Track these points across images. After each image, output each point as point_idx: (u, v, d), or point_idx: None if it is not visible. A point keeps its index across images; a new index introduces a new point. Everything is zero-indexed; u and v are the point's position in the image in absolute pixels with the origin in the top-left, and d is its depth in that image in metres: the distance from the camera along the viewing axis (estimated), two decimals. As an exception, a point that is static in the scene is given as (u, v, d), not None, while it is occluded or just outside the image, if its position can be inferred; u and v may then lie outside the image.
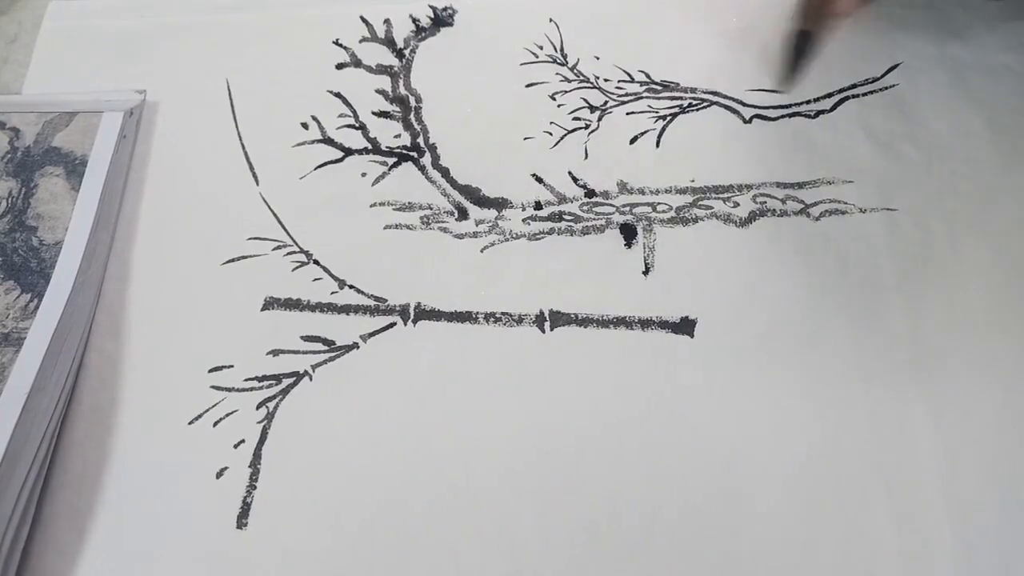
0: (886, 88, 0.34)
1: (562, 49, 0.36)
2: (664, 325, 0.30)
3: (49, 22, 0.40)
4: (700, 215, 0.32)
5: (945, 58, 0.34)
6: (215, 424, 0.30)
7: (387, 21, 0.38)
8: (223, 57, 0.38)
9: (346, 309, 0.32)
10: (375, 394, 0.30)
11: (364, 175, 0.35)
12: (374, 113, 0.36)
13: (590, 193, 0.33)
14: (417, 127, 0.35)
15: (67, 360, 0.31)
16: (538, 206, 0.33)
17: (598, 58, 0.36)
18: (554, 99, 0.35)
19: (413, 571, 0.27)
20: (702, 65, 0.35)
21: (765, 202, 0.32)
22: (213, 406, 0.31)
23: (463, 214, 0.33)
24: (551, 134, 0.34)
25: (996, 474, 0.27)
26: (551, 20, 0.37)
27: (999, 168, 0.32)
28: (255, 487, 0.29)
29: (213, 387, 0.31)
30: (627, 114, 0.35)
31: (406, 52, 0.37)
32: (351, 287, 0.32)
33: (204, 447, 0.30)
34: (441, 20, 0.38)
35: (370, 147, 0.35)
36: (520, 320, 0.31)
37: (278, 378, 0.31)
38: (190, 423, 0.30)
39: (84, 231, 0.33)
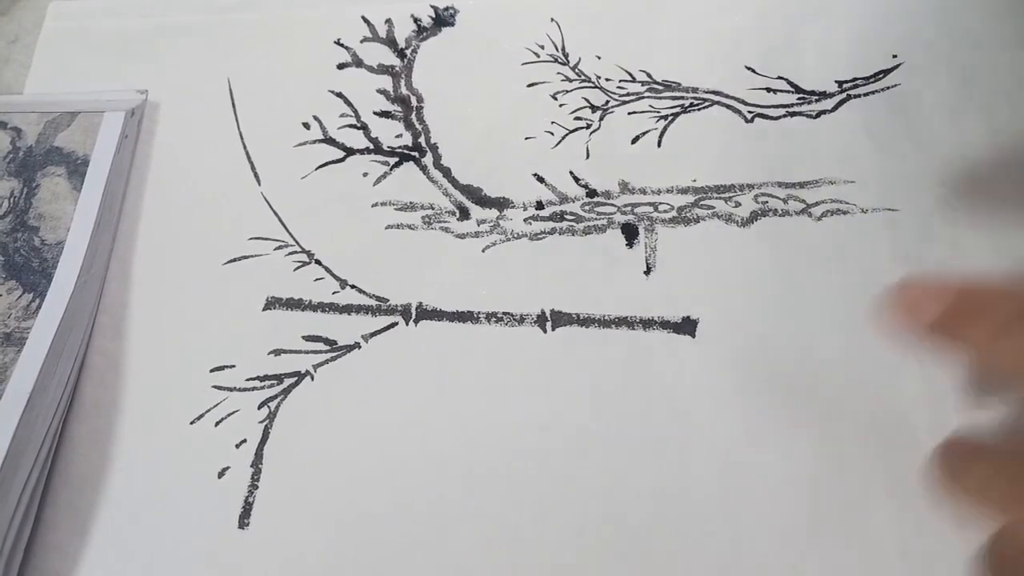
0: (888, 88, 0.34)
1: (563, 49, 0.36)
2: (666, 325, 0.30)
3: (50, 22, 0.40)
4: (702, 215, 0.32)
5: (946, 58, 0.34)
6: (217, 424, 0.30)
7: (388, 21, 0.38)
8: (224, 57, 0.38)
9: (347, 309, 0.32)
10: (377, 394, 0.30)
11: (366, 175, 0.35)
12: (375, 113, 0.36)
13: (591, 193, 0.33)
14: (418, 127, 0.35)
15: (69, 360, 0.31)
16: (539, 206, 0.33)
17: (599, 58, 0.36)
18: (555, 99, 0.35)
19: (415, 570, 0.27)
20: (703, 65, 0.35)
21: (767, 202, 0.32)
22: (215, 406, 0.31)
23: (464, 214, 0.33)
24: (552, 134, 0.34)
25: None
26: (552, 20, 0.37)
27: (1000, 168, 0.32)
28: (257, 487, 0.29)
29: (215, 387, 0.31)
30: (629, 114, 0.35)
31: (407, 52, 0.37)
32: (352, 287, 0.32)
33: (206, 447, 0.30)
34: (443, 20, 0.38)
35: (372, 147, 0.35)
36: (522, 320, 0.31)
37: (280, 378, 0.31)
38: (192, 423, 0.30)
39: (86, 231, 0.33)
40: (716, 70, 0.35)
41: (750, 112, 0.34)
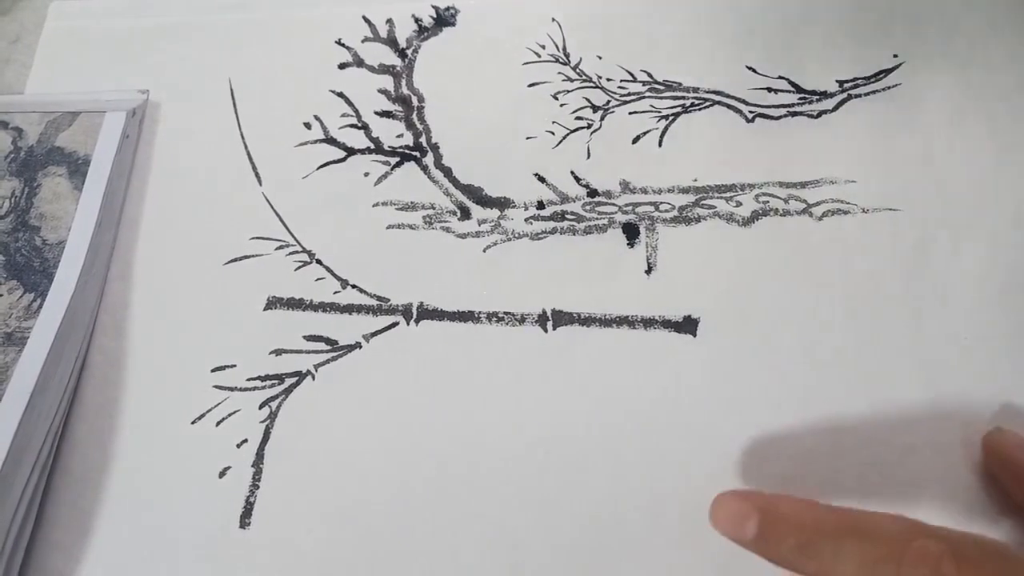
0: (889, 88, 0.34)
1: (564, 49, 0.36)
2: (667, 324, 0.30)
3: (51, 22, 0.40)
4: (703, 214, 0.32)
5: (947, 57, 0.34)
6: (218, 424, 0.30)
7: (389, 21, 0.38)
8: (225, 57, 0.38)
9: (348, 309, 0.32)
10: (377, 394, 0.30)
11: (367, 175, 0.35)
12: (376, 113, 0.36)
13: (592, 192, 0.33)
14: (419, 127, 0.35)
15: (70, 359, 0.31)
16: (540, 205, 0.33)
17: (600, 57, 0.36)
18: (556, 99, 0.35)
19: (415, 570, 0.27)
20: (704, 65, 0.35)
21: (768, 202, 0.32)
22: (216, 406, 0.31)
23: (465, 214, 0.33)
24: (553, 133, 0.34)
25: (999, 474, 0.27)
26: (553, 20, 0.37)
27: (1001, 168, 0.32)
28: (258, 487, 0.29)
29: (216, 387, 0.31)
30: (630, 113, 0.35)
31: (408, 52, 0.37)
32: (354, 287, 0.32)
33: (207, 447, 0.30)
34: (443, 20, 0.38)
35: (373, 147, 0.35)
36: (523, 319, 0.31)
37: (281, 378, 0.31)
38: (193, 423, 0.30)
39: (87, 231, 0.33)
40: (717, 70, 0.35)
41: (751, 112, 0.34)
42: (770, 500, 0.23)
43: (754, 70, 0.35)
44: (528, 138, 0.35)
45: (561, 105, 0.35)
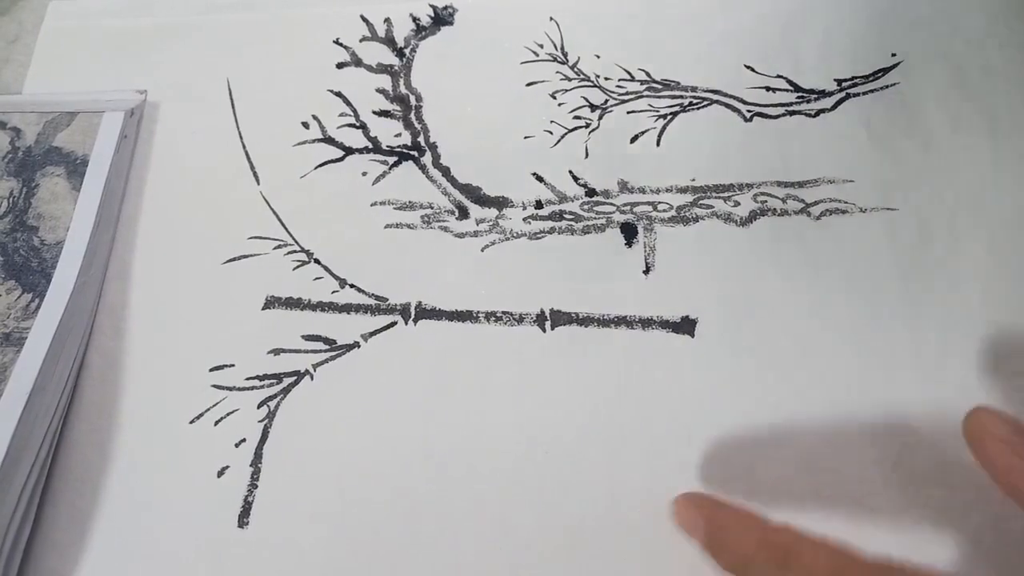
0: (887, 87, 0.34)
1: (562, 48, 0.36)
2: (665, 324, 0.30)
3: (50, 22, 0.40)
4: (701, 214, 0.32)
5: (946, 56, 0.34)
6: (216, 423, 0.30)
7: (387, 20, 0.38)
8: (224, 57, 0.38)
9: (347, 308, 0.32)
10: (376, 393, 0.30)
11: (365, 174, 0.35)
12: (375, 112, 0.36)
13: (591, 192, 0.33)
14: (417, 126, 0.35)
15: (68, 360, 0.31)
16: (539, 205, 0.33)
17: (599, 56, 0.36)
18: (554, 98, 0.35)
19: (414, 570, 0.27)
20: (702, 64, 0.35)
21: (766, 201, 0.32)
22: (214, 405, 0.31)
23: (464, 213, 0.33)
24: (551, 133, 0.34)
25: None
26: (551, 19, 0.37)
27: (999, 167, 0.32)
28: (256, 486, 0.29)
29: (214, 386, 0.31)
30: (628, 113, 0.34)
31: (406, 51, 0.37)
32: (352, 286, 0.32)
33: (205, 446, 0.30)
34: (441, 19, 0.38)
35: (371, 146, 0.35)
36: (521, 319, 0.31)
37: (279, 377, 0.31)
38: (191, 422, 0.30)
39: (85, 231, 0.33)
40: (715, 69, 0.35)
41: (749, 111, 0.34)
42: (717, 513, 0.25)
43: (752, 69, 0.35)
44: (526, 137, 0.35)
45: (559, 104, 0.35)
